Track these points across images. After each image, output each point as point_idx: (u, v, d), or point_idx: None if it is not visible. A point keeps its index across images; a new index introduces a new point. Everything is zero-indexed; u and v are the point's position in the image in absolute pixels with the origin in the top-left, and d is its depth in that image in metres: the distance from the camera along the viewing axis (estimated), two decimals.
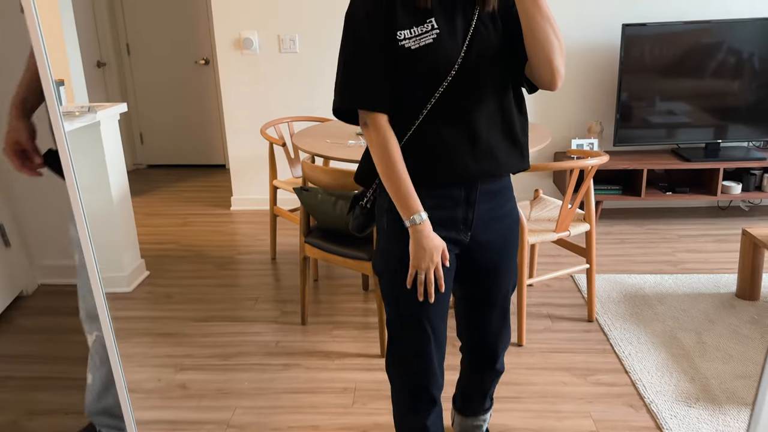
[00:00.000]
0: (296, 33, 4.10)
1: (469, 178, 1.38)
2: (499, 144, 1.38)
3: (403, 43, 1.29)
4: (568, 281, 3.18)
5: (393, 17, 1.30)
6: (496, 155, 1.38)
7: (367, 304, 2.98)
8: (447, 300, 1.48)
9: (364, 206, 1.49)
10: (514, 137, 1.40)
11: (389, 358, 1.55)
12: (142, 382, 2.42)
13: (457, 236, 1.44)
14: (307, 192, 2.53)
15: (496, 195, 1.46)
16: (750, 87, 3.75)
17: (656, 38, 3.67)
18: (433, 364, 1.50)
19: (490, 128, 1.36)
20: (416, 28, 1.29)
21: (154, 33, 5.49)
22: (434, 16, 1.30)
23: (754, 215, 4.07)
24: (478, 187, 1.41)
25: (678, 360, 2.44)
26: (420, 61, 1.30)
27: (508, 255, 1.51)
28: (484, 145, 1.36)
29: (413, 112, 1.34)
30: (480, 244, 1.47)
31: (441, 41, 1.29)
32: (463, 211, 1.42)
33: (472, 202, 1.42)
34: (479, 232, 1.45)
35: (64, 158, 1.26)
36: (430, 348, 1.48)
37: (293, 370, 2.45)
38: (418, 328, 1.45)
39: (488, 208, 1.45)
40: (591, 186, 2.61)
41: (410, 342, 1.48)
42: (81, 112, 2.75)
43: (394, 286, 1.45)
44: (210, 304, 3.04)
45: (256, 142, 4.35)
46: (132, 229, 3.26)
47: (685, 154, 3.88)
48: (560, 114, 4.15)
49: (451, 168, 1.36)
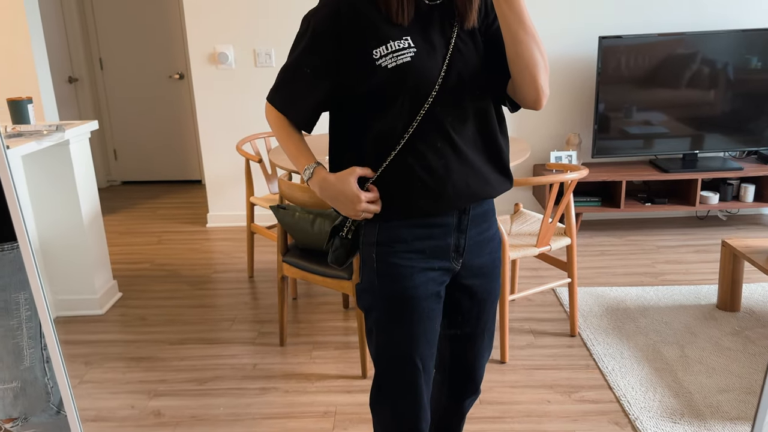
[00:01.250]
0: (272, 47, 4.05)
1: (460, 205, 1.33)
2: (486, 167, 1.33)
3: (380, 62, 1.24)
4: (549, 295, 3.15)
5: (361, 34, 1.25)
6: (486, 177, 1.33)
7: (348, 322, 2.93)
8: (436, 335, 1.42)
9: (345, 237, 1.41)
10: (499, 159, 1.35)
11: (375, 394, 1.47)
12: (115, 409, 2.33)
13: (449, 264, 1.38)
14: (284, 210, 2.48)
15: (484, 218, 1.41)
16: (725, 97, 3.78)
17: (632, 50, 3.69)
18: (423, 400, 1.44)
19: (476, 150, 1.31)
20: (393, 43, 1.23)
21: (127, 47, 5.41)
22: (410, 33, 1.25)
23: (731, 225, 4.09)
24: (470, 212, 1.37)
25: (661, 374, 2.42)
26: (399, 81, 1.24)
27: (496, 277, 1.47)
28: (473, 169, 1.31)
29: (392, 138, 1.28)
30: (470, 269, 1.41)
31: (419, 59, 1.24)
32: (454, 238, 1.36)
33: (464, 228, 1.37)
34: (470, 257, 1.40)
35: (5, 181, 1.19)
36: (420, 384, 1.42)
37: (271, 394, 2.39)
38: (409, 364, 1.39)
39: (478, 232, 1.40)
40: (571, 200, 2.59)
41: (400, 379, 1.41)
42: (49, 131, 2.67)
43: (382, 324, 1.39)
44: (185, 325, 2.96)
45: (233, 158, 4.28)
46: (104, 250, 3.17)
47: (663, 164, 3.89)
48: (538, 126, 4.14)
49: (441, 196, 1.30)
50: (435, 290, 1.37)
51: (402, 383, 1.41)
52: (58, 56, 5.10)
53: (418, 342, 1.38)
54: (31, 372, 1.41)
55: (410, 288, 1.34)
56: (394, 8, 1.24)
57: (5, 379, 1.48)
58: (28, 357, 1.39)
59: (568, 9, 3.92)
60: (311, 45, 1.28)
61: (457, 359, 1.53)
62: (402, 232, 1.33)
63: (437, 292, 1.38)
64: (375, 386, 1.47)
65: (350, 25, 1.25)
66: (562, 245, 2.61)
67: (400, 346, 1.38)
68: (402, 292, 1.35)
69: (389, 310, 1.37)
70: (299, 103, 1.32)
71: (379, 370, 1.44)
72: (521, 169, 4.21)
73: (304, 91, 1.31)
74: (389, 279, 1.35)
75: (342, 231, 1.41)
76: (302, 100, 1.32)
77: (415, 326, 1.37)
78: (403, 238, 1.34)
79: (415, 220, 1.33)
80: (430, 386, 1.46)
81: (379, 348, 1.42)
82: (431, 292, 1.37)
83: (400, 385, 1.42)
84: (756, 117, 3.80)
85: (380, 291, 1.37)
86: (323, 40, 1.27)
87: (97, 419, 2.28)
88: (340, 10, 1.25)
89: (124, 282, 3.49)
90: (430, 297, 1.37)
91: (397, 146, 1.28)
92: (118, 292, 3.31)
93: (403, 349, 1.38)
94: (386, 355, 1.41)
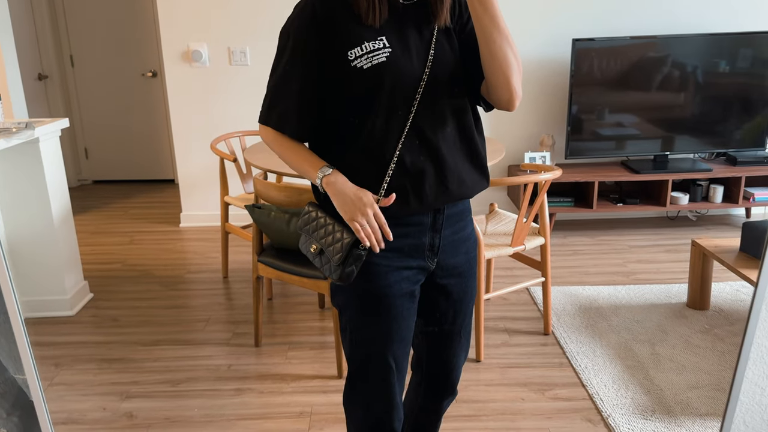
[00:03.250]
0: (247, 45, 4.02)
1: (437, 206, 1.33)
2: (464, 167, 1.34)
3: (355, 63, 1.23)
4: (524, 294, 3.18)
5: (336, 37, 1.24)
6: (464, 178, 1.33)
7: (324, 322, 2.92)
8: (410, 334, 1.42)
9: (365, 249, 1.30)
10: (476, 158, 1.36)
11: (348, 392, 1.47)
12: (86, 411, 2.29)
13: (424, 263, 1.38)
14: (259, 209, 2.46)
15: (459, 217, 1.41)
16: (694, 100, 3.85)
17: (605, 53, 3.74)
18: (396, 399, 1.44)
19: (454, 151, 1.31)
20: (368, 44, 1.23)
21: (99, 44, 5.32)
22: (385, 33, 1.25)
23: (700, 225, 4.18)
24: (444, 212, 1.37)
25: (633, 372, 2.45)
26: (375, 81, 1.24)
27: (472, 276, 1.47)
28: (451, 169, 1.31)
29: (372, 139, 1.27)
30: (446, 269, 1.41)
31: (394, 59, 1.24)
32: (429, 237, 1.36)
33: (439, 227, 1.37)
34: (445, 256, 1.40)
35: None
36: (393, 383, 1.42)
37: (246, 395, 2.37)
38: (382, 362, 1.39)
39: (452, 232, 1.40)
40: (545, 200, 2.61)
41: (373, 377, 1.41)
42: (18, 128, 2.62)
43: (355, 322, 1.39)
44: (158, 326, 2.92)
45: (207, 157, 4.24)
46: (74, 250, 3.12)
47: (635, 166, 3.96)
48: (513, 127, 4.18)
49: (419, 198, 1.30)
50: (409, 289, 1.37)
51: (375, 382, 1.41)
52: (27, 53, 5.00)
53: (392, 340, 1.38)
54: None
55: (384, 286, 1.34)
56: (364, 9, 1.23)
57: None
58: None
59: (542, 11, 3.96)
60: (294, 57, 1.27)
61: (434, 358, 1.53)
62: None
63: (411, 291, 1.38)
64: (348, 384, 1.47)
65: (326, 28, 1.24)
66: (536, 245, 2.64)
67: (373, 344, 1.38)
68: (376, 291, 1.34)
69: (363, 308, 1.37)
70: (293, 117, 1.31)
71: (352, 368, 1.44)
72: (496, 169, 4.25)
73: (296, 105, 1.29)
74: (363, 277, 1.34)
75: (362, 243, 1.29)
76: (295, 113, 1.30)
77: (389, 324, 1.37)
78: None
79: (390, 220, 1.32)
80: (403, 385, 1.46)
81: (353, 346, 1.41)
82: (405, 290, 1.37)
83: (373, 384, 1.42)
84: (724, 119, 3.89)
85: (354, 289, 1.36)
86: (306, 48, 1.26)
87: (68, 422, 2.23)
88: (316, 14, 1.25)
89: (95, 282, 3.43)
90: (404, 296, 1.36)
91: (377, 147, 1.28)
92: (89, 293, 3.25)
93: (376, 347, 1.38)
94: (359, 353, 1.41)
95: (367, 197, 1.26)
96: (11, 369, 1.35)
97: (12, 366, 1.34)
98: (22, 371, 1.34)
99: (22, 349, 1.29)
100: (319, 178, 1.30)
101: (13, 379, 1.39)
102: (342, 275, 1.30)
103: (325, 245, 1.32)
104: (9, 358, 1.32)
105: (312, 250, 1.36)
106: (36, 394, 1.32)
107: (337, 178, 1.29)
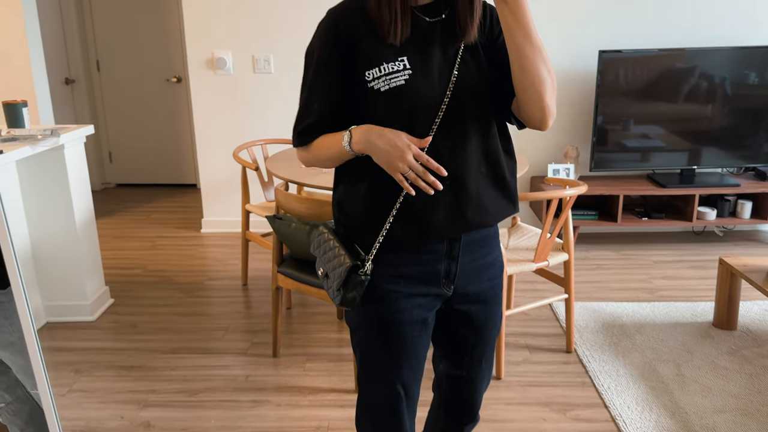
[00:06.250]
0: (271, 53, 4.03)
1: (450, 235, 1.28)
2: (487, 193, 1.27)
3: (372, 85, 1.20)
4: (546, 309, 3.13)
5: (357, 57, 1.21)
6: (485, 206, 1.27)
7: (342, 334, 2.90)
8: (421, 360, 1.38)
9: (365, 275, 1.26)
10: (502, 183, 1.29)
11: (359, 416, 1.45)
12: (104, 420, 2.30)
13: (439, 290, 1.33)
14: (280, 220, 2.45)
15: (482, 244, 1.35)
16: (723, 112, 3.77)
17: (631, 63, 3.68)
18: (405, 426, 1.41)
19: (476, 176, 1.25)
20: (387, 65, 1.19)
21: (125, 49, 5.38)
22: (407, 54, 1.21)
23: (728, 241, 4.09)
24: (461, 240, 1.31)
25: (657, 393, 2.40)
26: (392, 105, 1.20)
27: (495, 303, 1.41)
28: (471, 197, 1.25)
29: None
30: (465, 295, 1.36)
31: (414, 83, 1.20)
32: (445, 264, 1.31)
33: (455, 255, 1.31)
34: (464, 283, 1.34)
35: None
36: (401, 408, 1.38)
37: (263, 407, 2.35)
38: (390, 390, 1.36)
39: (473, 259, 1.34)
40: (569, 215, 2.57)
41: (380, 401, 1.38)
42: (44, 135, 2.64)
43: (365, 345, 1.36)
44: (177, 334, 2.92)
45: (229, 163, 4.25)
46: (96, 255, 3.14)
47: (661, 179, 3.89)
48: (536, 138, 4.13)
49: (434, 226, 1.25)
50: (421, 316, 1.33)
51: (383, 407, 1.39)
52: (55, 57, 5.07)
53: (401, 368, 1.34)
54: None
55: (393, 313, 1.30)
56: (386, 26, 1.19)
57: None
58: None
59: (569, 22, 3.92)
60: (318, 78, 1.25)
61: (455, 394, 1.49)
62: (388, 257, 1.29)
63: (423, 319, 1.33)
64: (358, 407, 1.45)
65: (347, 47, 1.22)
66: (560, 261, 2.59)
67: (382, 371, 1.35)
68: (385, 317, 1.31)
69: (372, 332, 1.33)
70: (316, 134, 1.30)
71: (362, 392, 1.42)
72: (519, 182, 4.20)
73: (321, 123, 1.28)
74: (373, 302, 1.31)
75: (363, 268, 1.27)
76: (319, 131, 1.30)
77: (398, 352, 1.33)
78: (389, 261, 1.29)
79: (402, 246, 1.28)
80: (414, 412, 1.43)
81: (362, 369, 1.39)
82: (417, 318, 1.32)
83: (382, 409, 1.39)
84: (753, 133, 3.80)
85: (364, 312, 1.33)
86: (329, 68, 1.24)
87: (86, 430, 2.24)
88: (339, 32, 1.22)
89: (116, 288, 3.45)
90: (415, 323, 1.32)
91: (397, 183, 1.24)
92: (109, 298, 3.27)
93: (385, 374, 1.35)
94: (369, 378, 1.38)
95: (400, 140, 1.17)
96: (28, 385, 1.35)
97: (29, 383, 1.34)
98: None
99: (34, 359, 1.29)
100: (348, 146, 1.23)
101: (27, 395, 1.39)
102: (343, 300, 1.27)
103: (330, 269, 1.30)
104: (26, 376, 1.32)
105: (320, 272, 1.35)
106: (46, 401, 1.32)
107: (361, 137, 1.21)
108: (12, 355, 1.44)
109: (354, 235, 1.31)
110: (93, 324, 3.04)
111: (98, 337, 2.92)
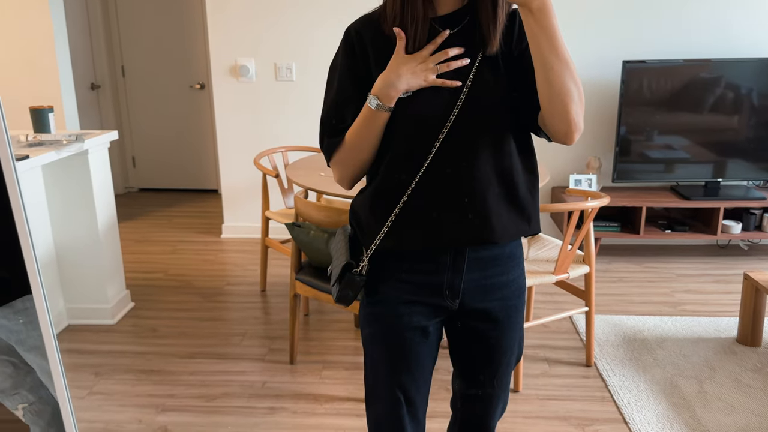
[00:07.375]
0: (293, 61, 4.06)
1: (454, 246, 1.25)
2: (496, 209, 1.23)
3: None
4: (566, 321, 3.10)
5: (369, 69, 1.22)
6: (491, 222, 1.23)
7: (358, 342, 2.89)
8: (423, 368, 1.36)
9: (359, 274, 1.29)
10: (516, 200, 1.25)
11: (367, 418, 1.45)
12: (123, 423, 2.32)
13: (442, 302, 1.30)
14: (299, 228, 2.46)
15: (495, 263, 1.30)
16: (749, 124, 3.71)
17: (655, 73, 3.64)
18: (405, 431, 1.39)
19: (485, 191, 1.22)
20: None
21: (149, 55, 5.45)
22: None
23: (753, 255, 4.01)
24: (467, 254, 1.27)
25: (679, 410, 2.36)
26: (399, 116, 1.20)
27: (509, 325, 1.36)
28: (476, 211, 1.22)
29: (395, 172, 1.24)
30: (473, 311, 1.33)
31: (419, 97, 1.19)
32: (448, 276, 1.28)
33: (460, 269, 1.28)
34: (470, 299, 1.31)
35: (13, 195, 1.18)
36: (402, 415, 1.37)
37: (279, 414, 2.36)
38: (388, 392, 1.36)
39: (483, 276, 1.30)
40: (591, 228, 2.54)
41: (381, 404, 1.38)
42: (69, 141, 2.68)
43: (367, 345, 1.38)
44: (196, 338, 2.94)
45: (250, 169, 4.28)
46: (118, 259, 3.17)
47: (685, 192, 3.83)
48: (558, 148, 4.10)
49: (434, 236, 1.23)
50: (420, 324, 1.31)
51: (383, 409, 1.39)
52: (81, 63, 5.15)
53: (398, 372, 1.34)
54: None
55: (393, 316, 1.31)
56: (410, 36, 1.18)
57: None
58: None
59: (593, 32, 3.89)
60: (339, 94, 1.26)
61: (468, 414, 1.48)
62: (389, 263, 1.30)
63: (423, 327, 1.32)
64: (366, 411, 1.46)
65: (364, 60, 1.23)
66: (581, 273, 2.57)
67: (380, 371, 1.36)
68: (384, 319, 1.32)
69: (373, 333, 1.35)
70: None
71: (365, 390, 1.43)
72: (540, 192, 4.17)
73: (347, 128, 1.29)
74: (375, 304, 1.33)
75: (356, 268, 1.29)
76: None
77: (394, 355, 1.33)
78: (390, 267, 1.30)
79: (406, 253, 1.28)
80: (418, 419, 1.41)
81: (365, 367, 1.41)
82: (415, 324, 1.31)
83: (381, 411, 1.39)
84: None
85: (366, 314, 1.36)
86: (348, 84, 1.25)
87: None
88: (354, 47, 1.24)
89: (136, 292, 3.48)
90: (413, 329, 1.31)
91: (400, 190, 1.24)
92: (130, 302, 3.30)
93: (382, 375, 1.36)
94: (370, 377, 1.40)
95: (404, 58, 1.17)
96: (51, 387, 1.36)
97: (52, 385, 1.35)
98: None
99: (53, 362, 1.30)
100: (373, 103, 1.19)
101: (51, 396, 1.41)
102: (337, 297, 1.31)
103: (333, 267, 1.36)
104: (49, 378, 1.34)
105: (328, 271, 1.39)
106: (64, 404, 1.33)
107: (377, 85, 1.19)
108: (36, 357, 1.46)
109: (361, 238, 1.33)
110: (113, 327, 3.07)
111: (118, 340, 2.95)
